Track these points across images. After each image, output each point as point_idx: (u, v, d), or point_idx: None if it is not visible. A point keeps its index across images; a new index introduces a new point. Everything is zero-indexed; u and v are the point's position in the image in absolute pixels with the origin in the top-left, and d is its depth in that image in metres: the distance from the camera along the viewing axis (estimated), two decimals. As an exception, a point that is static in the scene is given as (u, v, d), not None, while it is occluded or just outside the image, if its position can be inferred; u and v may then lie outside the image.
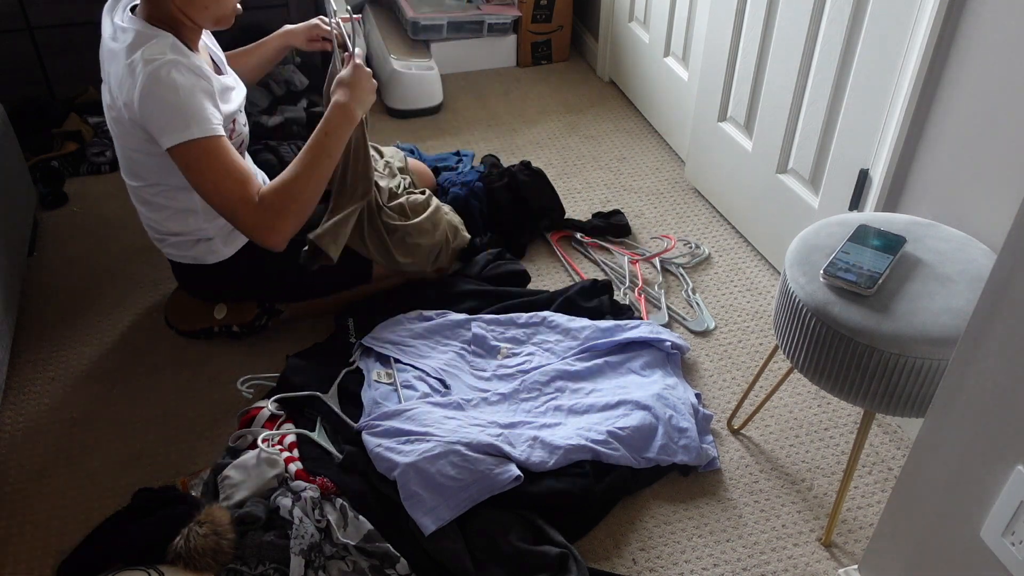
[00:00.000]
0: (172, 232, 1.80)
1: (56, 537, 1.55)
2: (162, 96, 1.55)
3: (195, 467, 1.65)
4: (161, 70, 1.55)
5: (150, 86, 1.55)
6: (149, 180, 1.73)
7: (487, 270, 2.07)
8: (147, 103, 1.56)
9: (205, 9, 1.64)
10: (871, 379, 1.31)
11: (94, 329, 1.99)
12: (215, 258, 1.82)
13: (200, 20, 1.66)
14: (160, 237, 1.83)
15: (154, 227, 1.82)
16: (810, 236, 1.46)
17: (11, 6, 2.47)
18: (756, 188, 2.14)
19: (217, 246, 1.81)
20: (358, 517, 1.45)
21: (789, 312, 1.39)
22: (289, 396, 1.69)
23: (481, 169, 2.40)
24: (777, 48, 1.97)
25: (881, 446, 1.71)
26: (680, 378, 1.81)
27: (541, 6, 3.03)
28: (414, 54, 2.90)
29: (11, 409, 1.80)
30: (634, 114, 2.85)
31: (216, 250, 1.82)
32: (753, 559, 1.52)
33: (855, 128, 1.75)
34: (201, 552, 1.35)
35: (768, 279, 2.14)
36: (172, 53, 1.58)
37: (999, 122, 1.42)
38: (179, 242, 1.81)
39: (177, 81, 1.56)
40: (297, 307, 1.97)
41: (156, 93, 1.55)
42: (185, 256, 1.83)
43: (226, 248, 1.82)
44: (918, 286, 1.35)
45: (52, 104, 2.58)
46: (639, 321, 1.90)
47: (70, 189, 2.44)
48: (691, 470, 1.65)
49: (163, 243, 1.84)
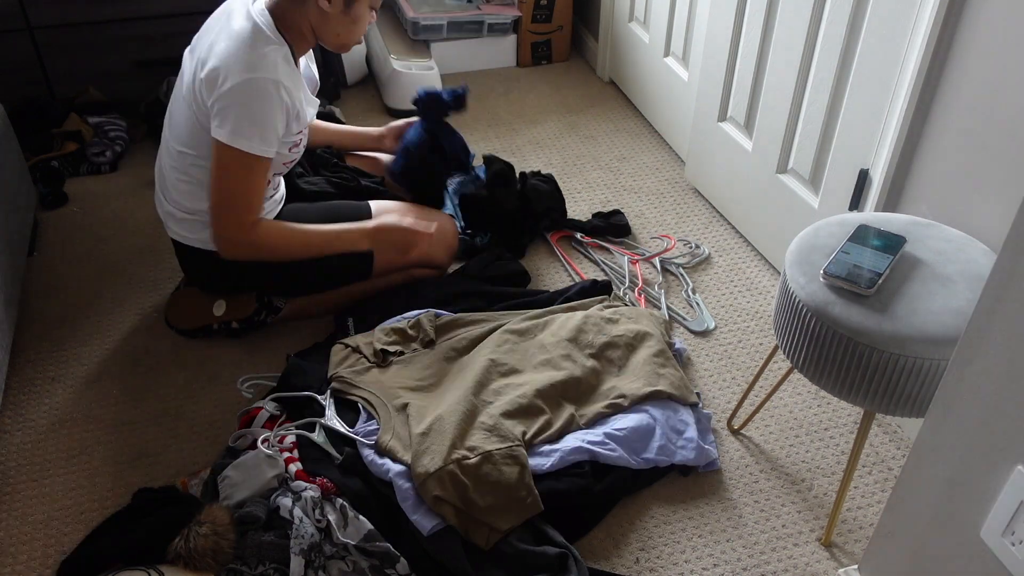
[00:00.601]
0: (192, 210, 1.80)
1: (56, 537, 1.55)
2: (250, 103, 1.62)
3: (195, 467, 1.65)
4: (266, 83, 1.61)
5: (247, 87, 1.61)
6: (198, 152, 1.74)
7: (487, 270, 2.07)
8: (234, 97, 1.61)
9: (336, 36, 1.74)
10: (871, 379, 1.31)
11: (94, 329, 1.99)
12: None
13: (325, 42, 1.76)
14: (175, 213, 1.82)
15: (176, 199, 1.81)
16: (810, 236, 1.46)
17: (11, 6, 2.47)
18: (756, 188, 2.14)
19: None
20: (358, 517, 1.45)
21: (789, 312, 1.39)
22: (286, 396, 1.69)
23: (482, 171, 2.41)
24: (777, 48, 1.97)
25: (881, 446, 1.71)
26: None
27: (541, 6, 3.03)
28: (414, 54, 2.90)
29: (11, 409, 1.80)
30: (634, 114, 2.85)
31: None
32: (753, 559, 1.52)
33: (855, 128, 1.75)
34: (201, 552, 1.35)
35: (768, 279, 2.14)
36: (283, 68, 1.64)
37: (999, 122, 1.42)
38: (193, 222, 1.82)
39: (270, 99, 1.62)
40: (296, 305, 1.97)
41: (248, 96, 1.62)
42: (193, 239, 1.83)
43: None
44: (918, 286, 1.35)
45: (52, 104, 2.58)
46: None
47: (70, 189, 2.44)
48: (691, 470, 1.65)
49: (175, 219, 1.84)
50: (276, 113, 1.65)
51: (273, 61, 1.62)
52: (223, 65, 1.62)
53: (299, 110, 1.71)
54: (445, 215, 2.09)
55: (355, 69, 2.96)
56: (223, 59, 1.62)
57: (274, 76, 1.62)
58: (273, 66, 1.62)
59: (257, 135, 1.64)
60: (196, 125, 1.71)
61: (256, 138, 1.65)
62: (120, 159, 2.56)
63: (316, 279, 1.93)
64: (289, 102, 1.66)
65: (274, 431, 1.61)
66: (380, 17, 3.12)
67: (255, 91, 1.61)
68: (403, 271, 2.01)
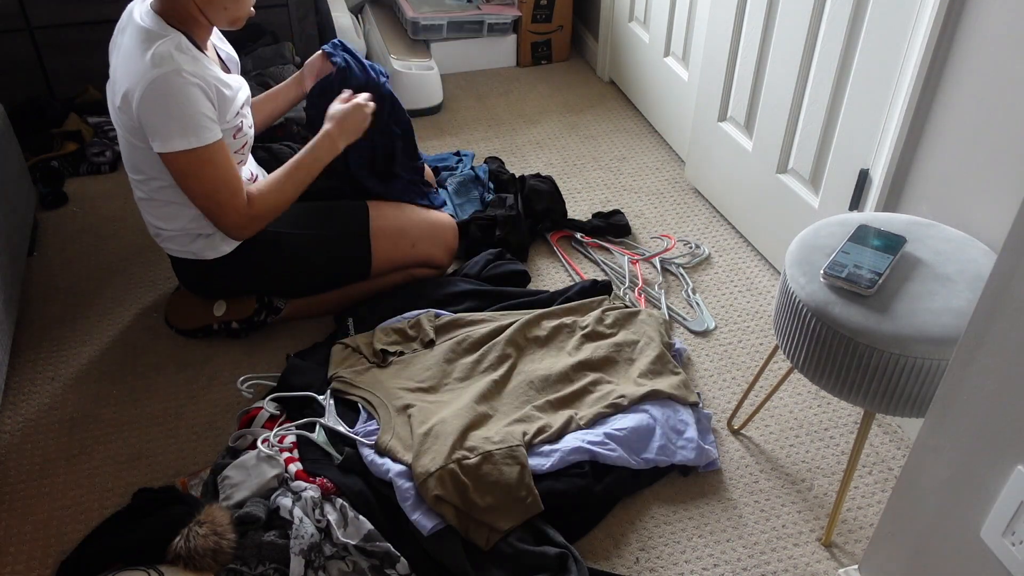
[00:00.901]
0: (172, 227, 1.80)
1: (56, 537, 1.55)
2: (163, 104, 1.59)
3: (195, 467, 1.65)
4: (166, 78, 1.58)
5: (152, 92, 1.58)
6: (150, 175, 1.74)
7: (487, 270, 2.07)
8: (146, 107, 1.59)
9: (224, 10, 1.69)
10: (871, 379, 1.31)
11: (94, 329, 1.99)
12: (214, 254, 1.82)
13: (216, 20, 1.71)
14: (160, 232, 1.83)
15: (154, 222, 1.83)
16: (810, 236, 1.46)
17: (11, 6, 2.47)
18: (756, 188, 2.14)
19: (216, 242, 1.82)
20: (358, 517, 1.45)
21: (789, 312, 1.39)
22: (286, 396, 1.69)
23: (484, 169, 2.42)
24: (777, 48, 1.97)
25: (881, 446, 1.71)
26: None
27: (541, 6, 3.03)
28: (414, 54, 2.90)
29: (11, 409, 1.80)
30: (634, 114, 2.85)
31: (215, 246, 1.82)
32: (753, 559, 1.52)
33: (855, 128, 1.75)
34: (201, 552, 1.35)
35: (768, 279, 2.14)
36: (180, 56, 1.61)
37: (999, 122, 1.42)
38: (178, 237, 1.82)
39: (179, 90, 1.59)
40: (296, 305, 1.97)
41: (157, 99, 1.59)
42: (184, 251, 1.83)
43: (224, 244, 1.83)
44: (918, 286, 1.35)
45: (52, 104, 2.58)
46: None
47: (70, 189, 2.44)
48: (691, 470, 1.65)
49: (163, 239, 1.84)
50: (195, 99, 1.61)
51: (167, 55, 1.59)
52: (127, 81, 1.61)
53: (218, 88, 1.67)
54: (445, 214, 2.09)
55: (355, 69, 2.96)
56: (124, 76, 1.62)
57: (172, 67, 1.58)
58: (168, 58, 1.59)
59: (190, 127, 1.61)
60: (135, 148, 1.71)
61: (190, 132, 1.62)
62: (120, 159, 2.56)
63: (315, 280, 1.93)
64: (200, 84, 1.62)
65: (274, 431, 1.61)
66: (380, 17, 3.12)
67: (163, 89, 1.58)
68: (403, 271, 2.01)
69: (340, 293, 1.97)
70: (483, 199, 2.33)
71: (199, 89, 1.62)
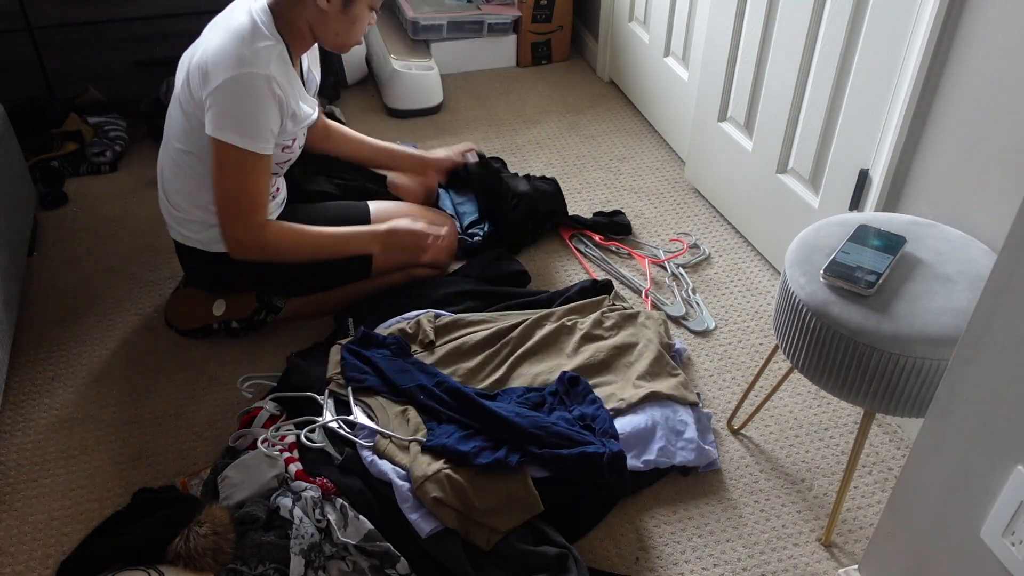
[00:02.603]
0: (192, 209, 1.80)
1: (56, 537, 1.55)
2: (240, 99, 1.61)
3: (195, 467, 1.65)
4: (253, 79, 1.60)
5: (235, 84, 1.60)
6: (196, 149, 1.73)
7: (487, 270, 2.07)
8: (223, 94, 1.61)
9: (335, 36, 1.73)
10: (871, 379, 1.31)
11: (94, 329, 1.99)
12: (220, 247, 1.82)
13: (324, 41, 1.75)
14: (176, 213, 1.83)
15: (176, 200, 1.81)
16: (810, 236, 1.46)
17: (11, 6, 2.47)
18: (756, 188, 2.14)
19: None
20: (358, 517, 1.45)
21: (789, 312, 1.39)
22: (285, 396, 1.69)
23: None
24: (777, 48, 1.97)
25: (881, 446, 1.71)
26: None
27: (541, 6, 3.03)
28: (414, 54, 2.90)
29: (11, 409, 1.80)
30: (634, 114, 2.85)
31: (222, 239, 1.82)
32: (753, 559, 1.52)
33: (855, 128, 1.75)
34: (201, 552, 1.35)
35: (768, 279, 2.14)
36: (277, 65, 1.63)
37: (999, 122, 1.42)
38: (193, 223, 1.82)
39: (261, 95, 1.61)
40: (296, 305, 1.97)
41: (237, 92, 1.61)
42: (194, 240, 1.83)
43: None
44: (918, 286, 1.35)
45: (52, 104, 2.58)
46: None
47: (70, 189, 2.44)
48: (691, 470, 1.65)
49: (177, 221, 1.83)
50: (268, 109, 1.63)
51: (266, 57, 1.61)
52: (214, 60, 1.61)
53: (294, 109, 1.70)
54: (445, 213, 2.09)
55: (355, 69, 2.96)
56: (215, 55, 1.62)
57: (265, 71, 1.60)
58: (265, 62, 1.61)
59: (251, 131, 1.63)
60: (191, 121, 1.70)
61: (250, 134, 1.63)
62: (120, 159, 2.56)
63: (316, 278, 1.93)
64: (283, 97, 1.65)
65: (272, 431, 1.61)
66: (380, 17, 3.12)
67: (246, 86, 1.60)
68: (403, 271, 2.01)
69: (340, 293, 1.97)
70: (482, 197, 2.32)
71: (278, 104, 1.64)
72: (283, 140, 1.74)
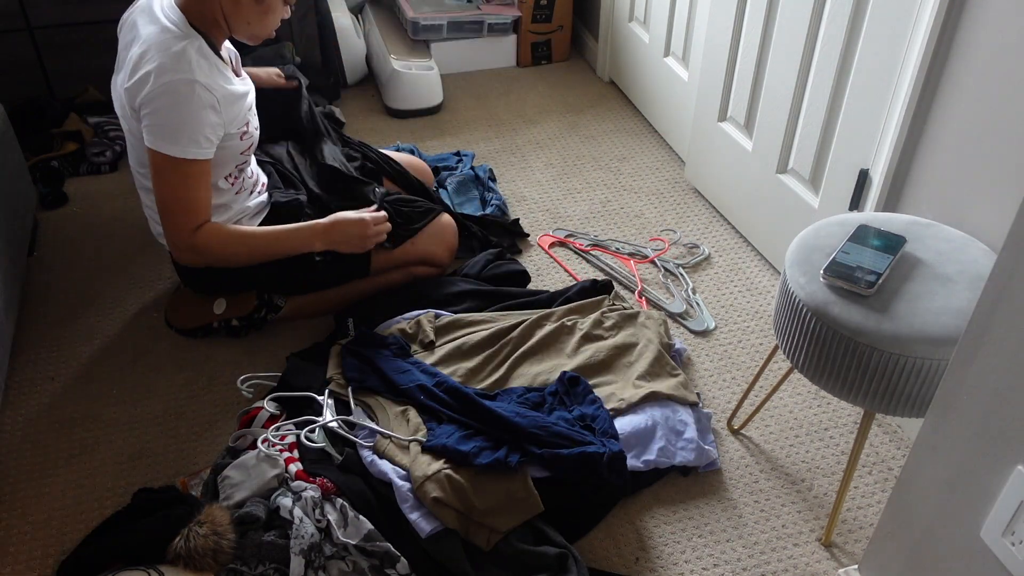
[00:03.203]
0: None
1: (56, 537, 1.55)
2: (169, 108, 1.60)
3: (195, 467, 1.65)
4: (181, 84, 1.59)
5: (162, 93, 1.59)
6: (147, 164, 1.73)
7: (487, 270, 2.07)
8: (153, 104, 1.60)
9: (248, 25, 1.71)
10: (871, 379, 1.31)
11: (94, 329, 1.99)
12: None
13: (238, 33, 1.73)
14: (158, 227, 1.83)
15: (152, 213, 1.84)
16: (810, 236, 1.46)
17: (11, 6, 2.47)
18: (756, 188, 2.14)
19: None
20: (358, 517, 1.45)
21: (789, 312, 1.39)
22: (285, 396, 1.69)
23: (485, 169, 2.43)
24: (777, 48, 1.97)
25: (881, 446, 1.71)
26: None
27: (541, 6, 3.03)
28: (414, 54, 2.90)
29: (11, 409, 1.80)
30: (634, 114, 2.85)
31: None
32: (753, 559, 1.52)
33: (855, 128, 1.75)
34: (201, 552, 1.35)
35: (768, 279, 2.14)
36: (200, 64, 1.61)
37: (999, 122, 1.42)
38: None
39: (189, 101, 1.60)
40: (296, 305, 1.97)
41: (165, 102, 1.60)
42: None
43: None
44: (918, 286, 1.35)
45: (52, 104, 2.58)
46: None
47: (70, 189, 2.44)
48: (691, 470, 1.65)
49: (160, 234, 1.85)
50: (198, 113, 1.62)
51: (187, 59, 1.60)
52: (138, 77, 1.61)
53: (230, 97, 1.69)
54: (444, 213, 2.09)
55: (355, 69, 2.96)
56: (134, 70, 1.62)
57: (189, 76, 1.59)
58: (188, 65, 1.60)
59: (184, 138, 1.62)
60: (136, 139, 1.71)
61: (180, 141, 1.62)
62: (120, 159, 2.56)
63: (314, 278, 1.93)
64: (212, 98, 1.63)
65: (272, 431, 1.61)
66: (380, 17, 3.12)
67: (173, 94, 1.59)
68: (403, 270, 2.01)
69: (340, 292, 1.97)
70: (483, 199, 2.34)
71: (210, 105, 1.63)
72: (235, 128, 1.72)
